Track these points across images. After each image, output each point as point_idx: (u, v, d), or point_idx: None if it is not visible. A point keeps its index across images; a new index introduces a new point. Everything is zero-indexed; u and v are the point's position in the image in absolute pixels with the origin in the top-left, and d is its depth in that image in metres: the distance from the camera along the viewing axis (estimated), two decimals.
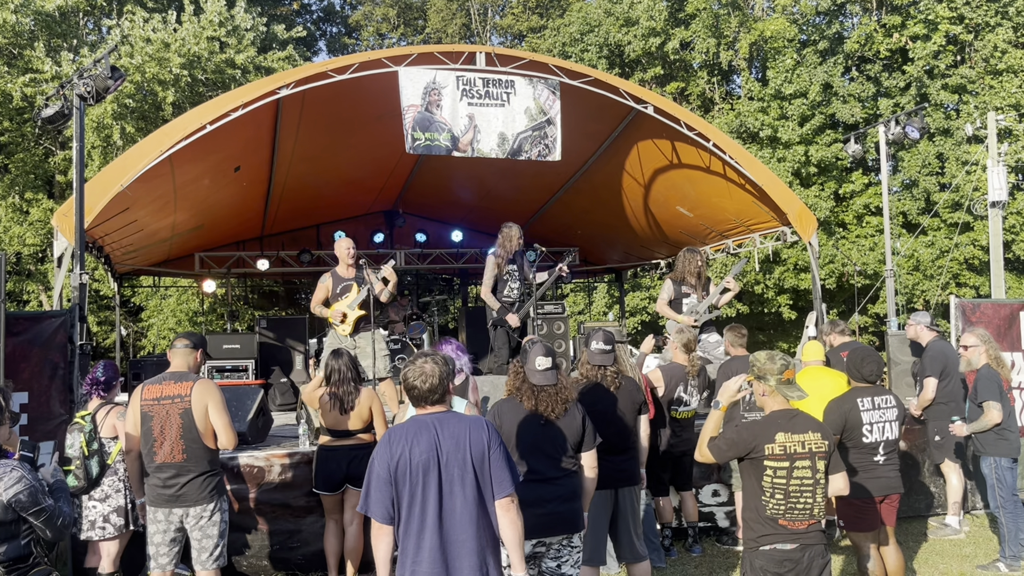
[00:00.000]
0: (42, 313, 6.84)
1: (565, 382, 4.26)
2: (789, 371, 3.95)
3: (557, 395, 4.16)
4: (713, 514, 7.00)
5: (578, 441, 4.20)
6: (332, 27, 34.86)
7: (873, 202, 21.21)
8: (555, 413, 4.13)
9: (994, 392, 5.95)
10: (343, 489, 5.67)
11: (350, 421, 5.60)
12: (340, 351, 5.84)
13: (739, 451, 3.89)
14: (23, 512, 3.30)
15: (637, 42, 23.46)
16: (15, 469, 3.32)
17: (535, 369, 4.17)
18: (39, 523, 3.34)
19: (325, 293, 7.39)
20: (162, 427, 4.53)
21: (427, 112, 8.04)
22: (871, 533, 5.09)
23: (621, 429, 4.82)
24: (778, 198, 9.28)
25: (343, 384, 5.60)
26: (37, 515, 3.33)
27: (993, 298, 16.93)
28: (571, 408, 4.21)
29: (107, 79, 6.73)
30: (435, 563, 3.22)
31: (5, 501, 3.26)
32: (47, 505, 3.38)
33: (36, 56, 18.19)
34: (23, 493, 3.29)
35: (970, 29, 21.28)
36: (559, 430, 4.14)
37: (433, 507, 3.24)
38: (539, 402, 4.14)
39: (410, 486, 3.23)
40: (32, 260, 20.87)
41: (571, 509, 4.11)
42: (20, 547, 3.35)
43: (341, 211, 14.27)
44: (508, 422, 4.11)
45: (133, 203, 8.20)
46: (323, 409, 5.67)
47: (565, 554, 4.13)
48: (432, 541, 3.22)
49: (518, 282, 7.97)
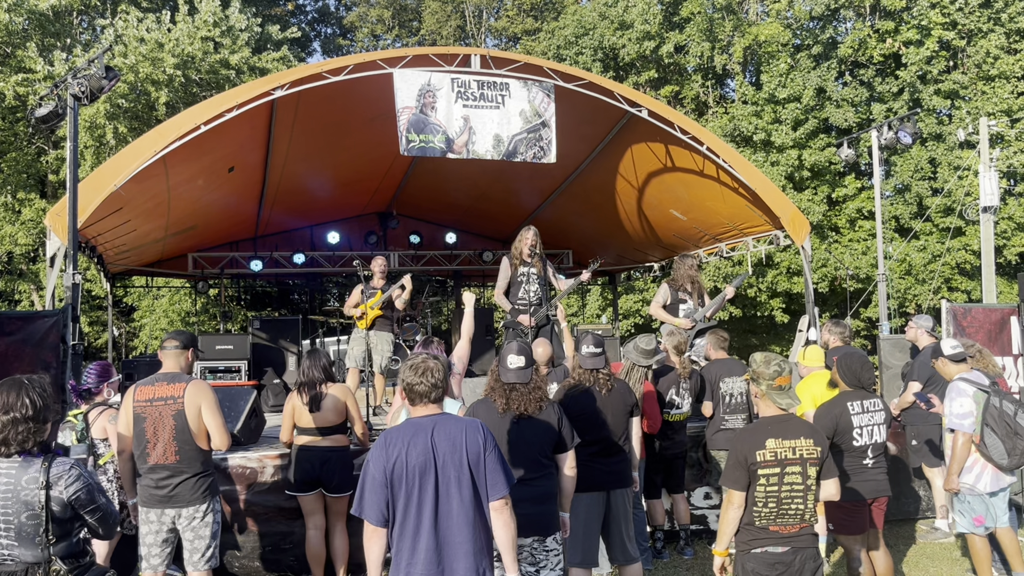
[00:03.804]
0: (34, 313, 6.82)
1: (539, 381, 4.24)
2: (782, 378, 3.95)
3: (529, 393, 4.14)
4: (705, 517, 7.01)
5: (554, 441, 4.18)
6: (327, 28, 34.84)
7: (866, 206, 21.29)
8: (527, 411, 4.11)
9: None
10: (317, 491, 5.68)
11: (321, 418, 5.61)
12: (316, 351, 5.91)
13: (743, 464, 3.86)
14: (81, 510, 3.33)
15: (632, 45, 23.51)
16: (74, 467, 3.34)
17: (507, 367, 4.17)
18: (94, 520, 3.37)
19: (357, 298, 8.59)
20: (155, 429, 4.52)
21: (422, 114, 8.05)
22: (860, 536, 5.11)
23: (613, 431, 4.84)
24: (771, 202, 9.32)
25: (311, 383, 5.63)
26: (93, 513, 3.36)
27: (984, 303, 17.01)
28: (546, 407, 4.19)
29: (101, 79, 6.72)
30: (430, 565, 3.23)
31: (66, 499, 3.28)
32: (102, 503, 3.42)
33: (29, 56, 18.13)
34: (83, 491, 3.32)
35: (963, 35, 21.39)
36: (533, 430, 4.12)
37: (429, 509, 3.25)
38: (510, 401, 4.13)
39: (406, 489, 3.24)
40: (24, 260, 20.79)
41: (541, 512, 4.08)
42: (73, 544, 3.38)
43: (335, 212, 14.27)
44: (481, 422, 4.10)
45: (126, 203, 8.18)
46: (298, 409, 5.69)
47: (541, 558, 4.11)
48: (428, 543, 3.23)
49: (535, 285, 7.57)
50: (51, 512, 3.26)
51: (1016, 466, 5.25)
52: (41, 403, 3.32)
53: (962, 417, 5.35)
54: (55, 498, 3.26)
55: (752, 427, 3.98)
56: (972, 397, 5.37)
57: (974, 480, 5.44)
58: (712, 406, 6.54)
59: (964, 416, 5.35)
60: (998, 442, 5.25)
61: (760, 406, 4.03)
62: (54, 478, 3.27)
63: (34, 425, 3.29)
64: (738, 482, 3.88)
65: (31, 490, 3.24)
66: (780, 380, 3.95)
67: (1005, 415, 5.21)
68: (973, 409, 5.35)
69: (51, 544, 3.28)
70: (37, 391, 3.33)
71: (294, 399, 5.73)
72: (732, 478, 3.90)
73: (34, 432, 3.29)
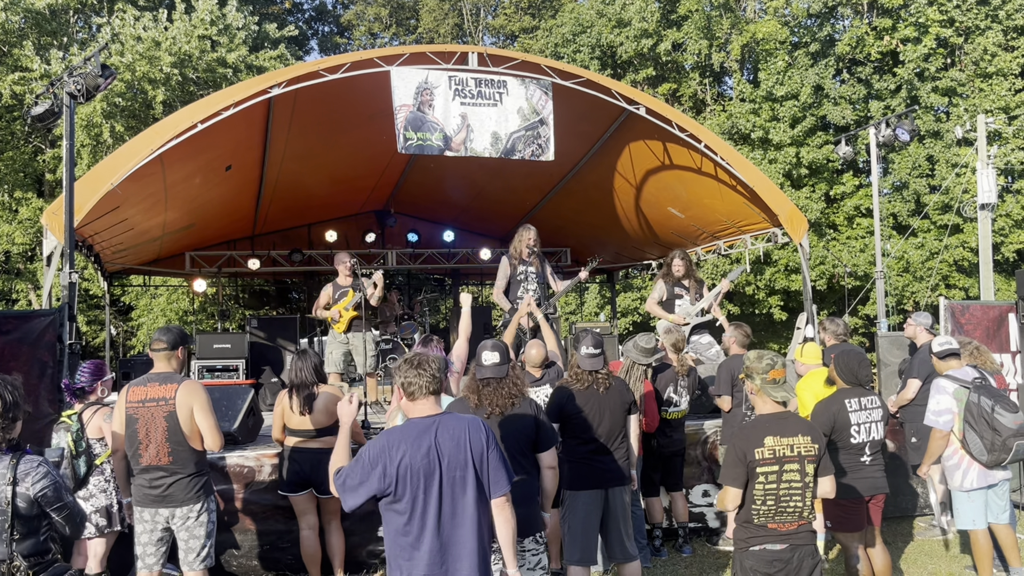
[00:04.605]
0: (31, 312, 6.80)
1: (516, 378, 4.20)
2: (776, 371, 3.95)
3: (500, 389, 4.10)
4: (703, 514, 7.01)
5: (532, 439, 4.14)
6: (324, 26, 34.79)
7: (863, 204, 21.30)
8: (499, 408, 4.08)
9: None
10: (308, 491, 5.67)
11: (312, 420, 5.60)
12: (305, 352, 5.89)
13: (742, 462, 3.86)
14: (47, 507, 3.33)
15: (629, 43, 23.50)
16: (42, 464, 3.36)
17: (483, 364, 4.15)
18: (60, 519, 3.37)
19: (327, 299, 8.41)
20: (147, 430, 4.48)
21: (419, 112, 8.03)
22: (858, 533, 5.11)
23: (611, 430, 4.83)
24: (769, 199, 9.31)
25: (303, 385, 5.62)
26: (59, 511, 3.36)
27: (982, 300, 17.02)
28: (521, 404, 4.15)
29: (98, 77, 6.70)
30: (434, 566, 3.22)
31: (32, 496, 3.28)
32: (69, 501, 3.42)
33: (25, 54, 18.09)
34: (49, 488, 3.32)
35: (960, 32, 21.40)
36: (508, 427, 4.08)
37: (433, 511, 3.23)
38: (482, 397, 4.11)
39: (411, 492, 3.21)
40: (21, 259, 20.76)
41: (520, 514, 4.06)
42: (40, 543, 3.38)
43: (332, 211, 14.25)
44: None
45: (123, 202, 8.16)
46: (287, 411, 5.68)
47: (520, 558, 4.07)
48: (431, 544, 3.22)
49: (535, 284, 7.55)
50: (16, 508, 3.26)
51: (997, 462, 5.28)
52: (11, 400, 3.32)
53: (938, 414, 5.46)
54: (21, 494, 3.27)
55: (750, 425, 3.98)
56: (952, 394, 5.44)
57: (961, 478, 5.48)
58: (731, 401, 6.49)
59: (940, 413, 5.45)
60: (977, 439, 5.31)
61: (757, 403, 4.02)
62: (21, 475, 3.28)
63: (3, 422, 3.29)
64: (737, 479, 3.88)
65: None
66: (774, 373, 3.95)
67: (983, 411, 5.26)
68: (951, 406, 5.43)
69: (15, 541, 3.28)
70: (8, 389, 3.33)
71: (284, 400, 5.72)
72: (731, 475, 3.90)
73: (3, 429, 3.30)
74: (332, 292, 8.42)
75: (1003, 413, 5.19)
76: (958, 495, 5.56)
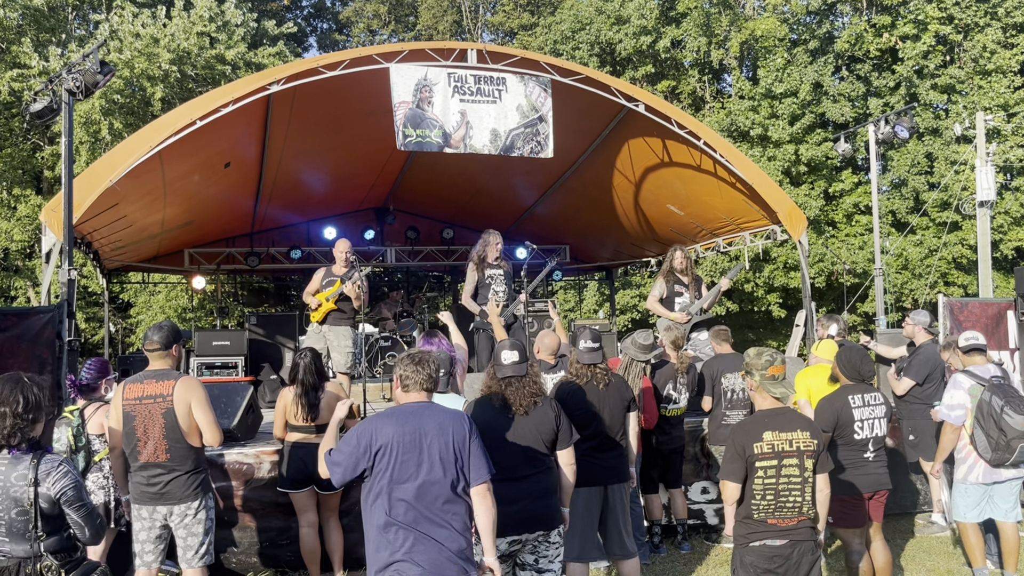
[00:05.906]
0: (30, 309, 6.80)
1: (535, 376, 4.25)
2: (775, 367, 3.96)
3: (523, 387, 4.15)
4: (702, 511, 7.02)
5: (552, 438, 4.17)
6: (323, 23, 34.74)
7: (862, 201, 21.31)
8: (523, 406, 4.12)
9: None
10: (309, 488, 5.67)
11: (319, 417, 5.60)
12: (307, 349, 5.89)
13: (741, 456, 3.86)
14: (67, 506, 3.35)
15: (628, 40, 23.48)
16: (63, 463, 3.38)
17: (502, 363, 4.18)
18: (79, 518, 3.38)
19: (316, 284, 7.81)
20: (145, 427, 4.45)
21: (418, 109, 8.02)
22: (859, 530, 5.11)
23: (610, 426, 4.84)
24: (768, 197, 9.31)
25: (308, 381, 5.62)
26: (79, 510, 3.38)
27: (981, 297, 17.04)
28: (542, 403, 4.19)
29: (96, 74, 6.68)
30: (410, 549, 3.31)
31: (52, 495, 3.31)
32: (88, 502, 3.43)
33: (24, 51, 18.07)
34: (70, 488, 3.34)
35: (959, 29, 21.39)
36: (530, 426, 4.12)
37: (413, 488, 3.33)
38: (507, 396, 4.14)
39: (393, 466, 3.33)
40: (20, 256, 20.75)
41: (545, 506, 4.08)
42: (64, 539, 3.40)
43: (331, 208, 14.23)
44: (479, 420, 4.07)
45: (122, 199, 8.15)
46: (290, 406, 5.67)
47: (542, 550, 4.11)
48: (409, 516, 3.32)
49: (503, 285, 7.71)
50: (39, 508, 3.29)
51: (1000, 461, 5.32)
52: (35, 401, 3.35)
53: (951, 408, 5.51)
54: (43, 494, 3.30)
55: (749, 420, 3.99)
56: (968, 391, 5.48)
57: (967, 471, 5.53)
58: (712, 401, 6.55)
59: (953, 408, 5.50)
60: (984, 436, 5.36)
61: (756, 399, 4.03)
62: (42, 474, 3.31)
63: (23, 422, 3.32)
64: (735, 474, 3.88)
65: (20, 487, 3.28)
66: (773, 370, 3.96)
67: (993, 410, 5.30)
68: (965, 402, 5.47)
69: (40, 539, 3.31)
70: (33, 390, 3.36)
71: (286, 396, 5.71)
72: (730, 470, 3.90)
73: (22, 428, 3.32)
74: (322, 278, 7.79)
75: (1012, 415, 5.22)
76: (957, 486, 5.65)
